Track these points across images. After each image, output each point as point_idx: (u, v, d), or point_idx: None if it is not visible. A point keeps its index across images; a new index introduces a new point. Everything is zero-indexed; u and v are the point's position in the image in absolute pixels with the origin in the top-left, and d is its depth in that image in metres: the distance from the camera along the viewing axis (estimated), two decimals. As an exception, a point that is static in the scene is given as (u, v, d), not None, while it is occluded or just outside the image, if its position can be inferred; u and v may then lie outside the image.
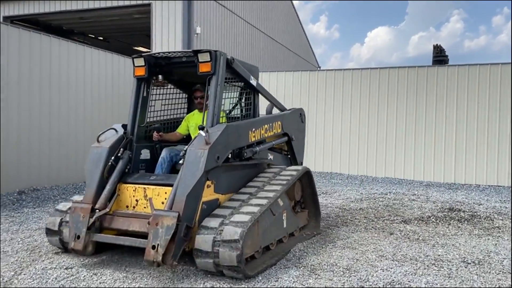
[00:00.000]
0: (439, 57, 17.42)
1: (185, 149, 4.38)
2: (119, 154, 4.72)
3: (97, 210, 4.34)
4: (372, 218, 6.77)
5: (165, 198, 4.27)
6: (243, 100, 5.61)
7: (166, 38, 15.27)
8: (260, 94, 5.71)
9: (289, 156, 6.42)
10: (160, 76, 5.23)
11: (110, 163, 4.62)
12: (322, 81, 12.70)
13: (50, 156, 9.13)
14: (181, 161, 4.44)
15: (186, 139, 5.44)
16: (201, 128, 4.39)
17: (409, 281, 4.05)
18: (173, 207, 4.00)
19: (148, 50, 17.68)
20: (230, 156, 4.66)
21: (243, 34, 19.87)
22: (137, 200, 4.53)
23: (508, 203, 8.40)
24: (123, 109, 11.24)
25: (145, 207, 4.45)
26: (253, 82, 5.42)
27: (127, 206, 4.57)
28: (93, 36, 21.85)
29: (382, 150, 11.93)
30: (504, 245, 5.38)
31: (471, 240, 5.59)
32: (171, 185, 4.28)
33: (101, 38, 22.27)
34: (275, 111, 6.39)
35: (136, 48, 23.78)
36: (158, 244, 3.80)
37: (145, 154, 5.15)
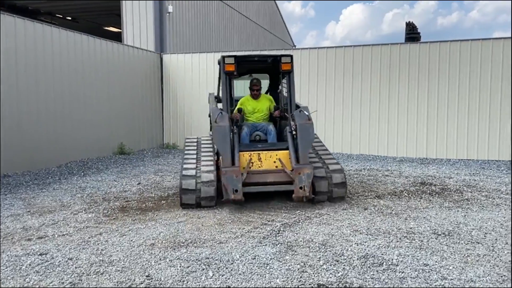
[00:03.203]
0: (412, 34, 17.62)
1: (293, 124, 6.18)
2: (234, 130, 6.24)
3: None
4: (347, 194, 6.90)
5: (276, 159, 6.05)
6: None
7: (137, 18, 14.87)
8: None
9: None
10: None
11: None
12: (297, 60, 12.62)
13: (20, 141, 8.88)
14: (293, 132, 6.12)
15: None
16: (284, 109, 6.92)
17: (382, 254, 4.17)
18: (301, 162, 5.85)
19: (119, 30, 17.19)
20: None
21: (217, 13, 19.55)
22: (252, 162, 6.04)
23: (476, 176, 8.69)
24: (95, 90, 11.01)
25: (259, 167, 6.04)
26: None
27: (244, 168, 5.94)
28: (61, 16, 21.09)
29: (356, 127, 12.09)
30: (472, 216, 5.60)
31: (441, 213, 5.78)
32: (276, 149, 6.17)
33: (69, 18, 21.52)
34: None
35: (106, 28, 23.10)
36: (304, 186, 5.68)
37: None
